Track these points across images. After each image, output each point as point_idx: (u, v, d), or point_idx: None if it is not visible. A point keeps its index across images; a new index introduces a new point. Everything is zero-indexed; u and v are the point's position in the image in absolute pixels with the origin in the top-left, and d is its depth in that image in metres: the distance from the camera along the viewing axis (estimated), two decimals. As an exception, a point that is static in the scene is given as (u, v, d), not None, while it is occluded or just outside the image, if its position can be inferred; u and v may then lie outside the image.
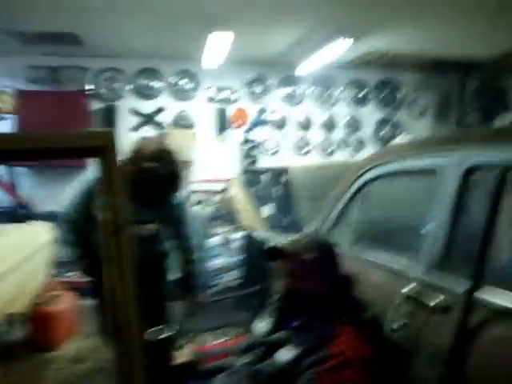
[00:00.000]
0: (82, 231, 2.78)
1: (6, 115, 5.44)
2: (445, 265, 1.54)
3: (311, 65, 6.12)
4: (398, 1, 4.22)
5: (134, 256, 0.75)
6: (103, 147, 0.72)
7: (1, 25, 4.87)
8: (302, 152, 6.99)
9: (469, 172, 1.54)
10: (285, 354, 1.54)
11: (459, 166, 1.57)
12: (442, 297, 1.46)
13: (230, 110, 6.70)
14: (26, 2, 4.24)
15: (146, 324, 1.70)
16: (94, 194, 2.42)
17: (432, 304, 1.45)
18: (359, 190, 2.33)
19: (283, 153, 6.90)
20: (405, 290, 1.59)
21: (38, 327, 3.80)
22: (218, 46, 5.21)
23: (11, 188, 5.37)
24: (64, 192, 3.43)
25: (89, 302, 3.41)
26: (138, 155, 2.47)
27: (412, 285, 1.61)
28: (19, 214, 5.00)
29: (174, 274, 3.08)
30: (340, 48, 5.29)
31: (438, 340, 1.41)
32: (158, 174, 2.42)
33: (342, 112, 7.09)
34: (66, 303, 4.09)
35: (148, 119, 6.48)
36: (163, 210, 2.71)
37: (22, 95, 5.63)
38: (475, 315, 1.30)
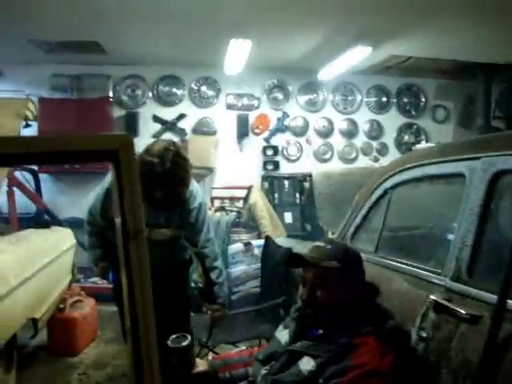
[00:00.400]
0: (102, 234, 2.80)
1: (31, 122, 5.52)
2: (474, 272, 1.50)
3: (332, 71, 6.09)
4: (419, 6, 4.17)
5: (149, 262, 0.73)
6: (120, 150, 0.70)
7: (26, 34, 4.97)
8: (324, 158, 6.94)
9: (496, 177, 1.50)
10: (306, 364, 1.50)
11: (485, 171, 1.53)
12: (472, 305, 1.41)
13: (252, 117, 6.70)
14: (50, 12, 4.31)
15: (168, 331, 1.69)
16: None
17: (463, 312, 1.41)
18: (382, 195, 2.29)
19: (305, 159, 6.87)
20: (433, 297, 1.55)
21: (60, 332, 3.84)
22: (238, 54, 5.22)
23: (35, 194, 5.45)
24: (86, 198, 3.47)
25: (110, 308, 3.43)
26: (145, 151, 2.50)
27: (440, 292, 1.56)
28: (43, 219, 5.05)
29: (196, 282, 3.06)
30: (361, 54, 5.26)
31: (468, 349, 1.36)
32: (154, 169, 2.40)
33: (364, 118, 7.03)
34: (87, 308, 4.12)
35: (170, 126, 6.52)
36: (178, 214, 2.69)
37: (44, 103, 5.71)
38: (507, 324, 1.25)
